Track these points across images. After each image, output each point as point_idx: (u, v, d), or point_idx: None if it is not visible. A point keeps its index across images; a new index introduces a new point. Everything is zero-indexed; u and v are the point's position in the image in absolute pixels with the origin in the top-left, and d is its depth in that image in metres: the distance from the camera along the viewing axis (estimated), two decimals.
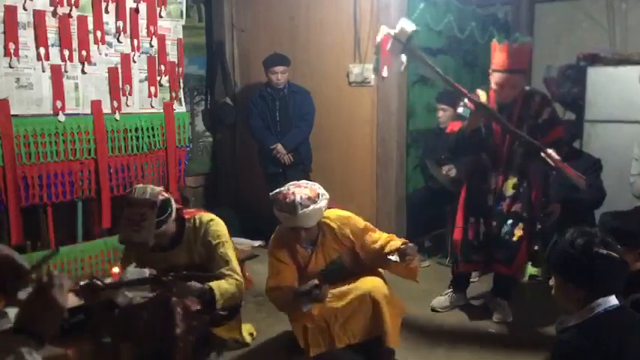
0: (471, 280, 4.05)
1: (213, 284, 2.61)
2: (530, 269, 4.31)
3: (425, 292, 4.09)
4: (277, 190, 2.93)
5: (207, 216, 2.86)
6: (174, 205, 2.71)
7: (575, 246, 1.80)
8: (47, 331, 1.27)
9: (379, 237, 3.04)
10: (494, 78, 3.42)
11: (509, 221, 3.52)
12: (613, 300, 1.81)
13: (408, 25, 3.14)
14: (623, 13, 5.19)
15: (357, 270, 3.04)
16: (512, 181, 3.53)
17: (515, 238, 3.51)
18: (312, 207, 2.83)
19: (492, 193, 3.57)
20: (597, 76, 4.78)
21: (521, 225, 3.51)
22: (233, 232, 4.88)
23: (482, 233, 3.61)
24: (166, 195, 2.69)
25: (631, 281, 1.98)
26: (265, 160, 4.87)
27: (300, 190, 2.88)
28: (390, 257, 2.89)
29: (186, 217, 2.85)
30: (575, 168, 4.07)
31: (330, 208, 3.05)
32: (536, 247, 4.02)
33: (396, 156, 4.76)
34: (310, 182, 3.02)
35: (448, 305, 3.81)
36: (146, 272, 2.60)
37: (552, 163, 3.28)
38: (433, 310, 3.79)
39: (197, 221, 2.84)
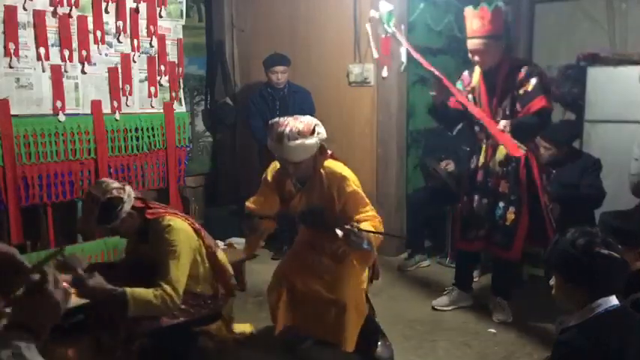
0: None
1: (129, 290, 2.56)
2: (531, 269, 4.31)
3: (425, 292, 4.10)
4: (275, 119, 2.87)
5: (167, 221, 2.75)
6: (126, 206, 2.66)
7: (576, 246, 1.80)
8: (45, 326, 1.26)
9: (361, 211, 2.88)
10: (468, 45, 3.46)
11: (501, 204, 3.49)
12: (613, 300, 1.81)
13: (386, 6, 3.65)
14: (623, 13, 5.19)
15: (334, 225, 2.88)
16: (500, 156, 3.48)
17: (508, 223, 3.47)
18: (299, 141, 2.75)
19: (482, 168, 3.56)
20: (597, 76, 4.78)
21: (512, 209, 3.46)
22: (233, 232, 4.93)
23: (475, 210, 3.60)
24: (117, 194, 2.64)
25: (631, 281, 1.98)
26: (265, 160, 4.86)
27: (294, 122, 2.79)
28: (337, 231, 2.77)
29: (150, 217, 2.78)
30: (575, 168, 4.10)
31: (335, 159, 3.00)
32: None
33: (396, 156, 4.76)
34: (310, 118, 2.90)
35: (448, 304, 3.80)
36: (84, 263, 2.74)
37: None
38: (434, 308, 3.78)
39: (157, 225, 2.76)
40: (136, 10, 3.69)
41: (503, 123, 3.34)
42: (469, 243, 3.69)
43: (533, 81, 3.32)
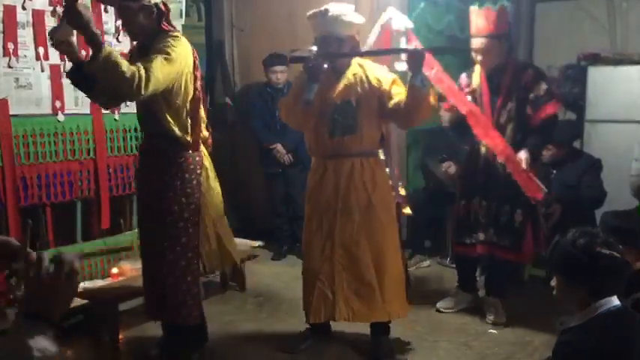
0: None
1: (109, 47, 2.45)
2: (531, 270, 4.29)
3: (425, 292, 4.09)
4: None
5: (176, 34, 2.73)
6: None
7: (577, 246, 1.79)
8: (57, 312, 1.24)
9: (400, 92, 2.91)
10: (472, 44, 3.48)
11: (507, 206, 3.46)
12: (615, 300, 1.80)
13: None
14: (623, 12, 5.18)
15: (366, 123, 2.94)
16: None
17: (517, 225, 3.44)
18: (343, 12, 2.85)
19: (484, 169, 3.51)
20: (598, 76, 4.77)
21: (519, 211, 3.43)
22: (233, 233, 4.91)
23: (474, 214, 3.55)
24: None
25: (631, 281, 1.98)
26: (265, 160, 4.87)
27: (335, 4, 2.89)
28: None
29: (165, 27, 2.71)
30: (575, 168, 4.09)
31: None
32: None
33: (397, 156, 4.74)
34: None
35: (453, 306, 3.76)
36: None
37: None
38: (438, 311, 3.75)
39: (166, 33, 2.68)
40: None
41: (520, 156, 3.33)
42: (468, 247, 3.63)
43: (543, 85, 3.37)
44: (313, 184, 3.09)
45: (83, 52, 3.46)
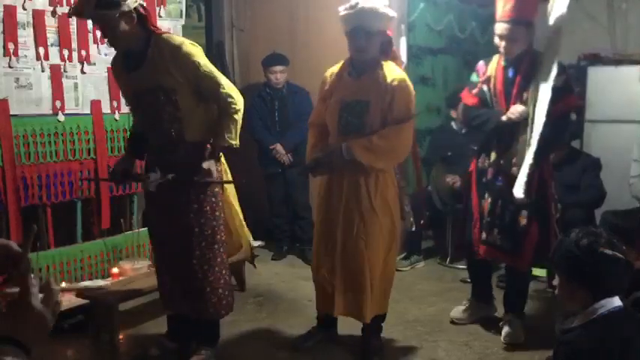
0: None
1: (221, 136, 2.74)
2: (533, 269, 4.28)
3: (424, 292, 4.09)
4: None
5: (177, 38, 2.71)
6: (130, 1, 2.53)
7: (579, 246, 1.79)
8: (33, 340, 1.23)
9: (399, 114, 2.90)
10: (496, 29, 3.17)
11: (511, 206, 3.13)
12: (616, 301, 1.80)
13: None
14: (623, 12, 5.18)
15: (375, 124, 2.90)
16: (512, 155, 3.13)
17: (519, 228, 3.14)
18: (375, 5, 2.81)
19: (493, 166, 3.23)
20: (598, 76, 4.78)
21: (524, 213, 3.12)
22: None
23: (487, 212, 3.24)
24: None
25: (632, 280, 1.97)
26: (265, 161, 4.87)
27: None
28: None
29: (157, 32, 2.67)
30: (574, 168, 4.09)
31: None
32: None
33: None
34: None
35: (467, 318, 3.53)
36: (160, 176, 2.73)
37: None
38: (452, 322, 3.53)
39: (164, 40, 2.64)
40: None
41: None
42: (482, 248, 3.29)
43: (562, 77, 3.10)
44: (321, 183, 3.15)
45: (83, 53, 3.47)
